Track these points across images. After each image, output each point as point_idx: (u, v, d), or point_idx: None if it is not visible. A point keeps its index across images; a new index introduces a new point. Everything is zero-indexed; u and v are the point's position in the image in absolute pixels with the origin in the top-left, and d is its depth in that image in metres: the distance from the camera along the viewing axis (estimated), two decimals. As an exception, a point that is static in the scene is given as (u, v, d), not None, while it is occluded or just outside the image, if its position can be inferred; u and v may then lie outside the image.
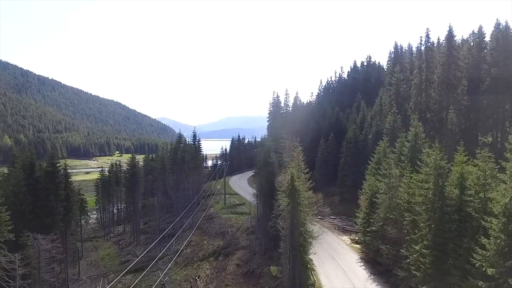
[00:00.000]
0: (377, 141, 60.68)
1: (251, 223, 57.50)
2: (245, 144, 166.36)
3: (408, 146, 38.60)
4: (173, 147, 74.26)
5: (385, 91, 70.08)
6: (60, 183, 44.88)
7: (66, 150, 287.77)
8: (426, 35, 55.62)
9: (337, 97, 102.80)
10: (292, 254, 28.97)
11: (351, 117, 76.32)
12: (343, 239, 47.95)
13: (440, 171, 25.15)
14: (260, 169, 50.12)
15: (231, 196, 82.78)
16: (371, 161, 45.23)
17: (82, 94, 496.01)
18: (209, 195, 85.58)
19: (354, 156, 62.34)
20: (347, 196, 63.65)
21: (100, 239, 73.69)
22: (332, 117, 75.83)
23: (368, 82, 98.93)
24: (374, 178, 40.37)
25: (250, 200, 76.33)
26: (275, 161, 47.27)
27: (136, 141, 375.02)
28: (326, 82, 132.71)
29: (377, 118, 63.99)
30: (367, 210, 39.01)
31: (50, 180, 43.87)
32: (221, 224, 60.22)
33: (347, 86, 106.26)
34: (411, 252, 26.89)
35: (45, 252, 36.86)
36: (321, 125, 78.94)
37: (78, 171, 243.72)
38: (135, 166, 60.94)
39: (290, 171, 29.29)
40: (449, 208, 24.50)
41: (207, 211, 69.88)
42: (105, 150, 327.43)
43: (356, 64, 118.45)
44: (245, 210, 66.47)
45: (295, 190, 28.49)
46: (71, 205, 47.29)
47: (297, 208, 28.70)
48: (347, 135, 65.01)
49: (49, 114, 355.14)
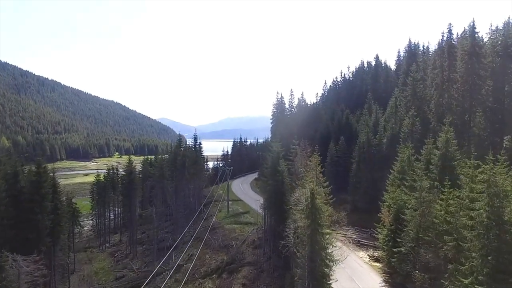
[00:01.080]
0: (393, 146, 56.25)
1: (258, 235, 53.03)
2: (247, 146, 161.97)
3: (438, 154, 34.06)
4: (172, 151, 69.72)
5: (399, 92, 65.58)
6: (47, 194, 40.40)
7: (65, 152, 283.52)
8: (449, 31, 51.23)
9: (344, 98, 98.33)
10: (311, 284, 24.48)
11: (362, 119, 71.78)
12: (360, 256, 43.39)
13: (496, 190, 20.61)
14: (268, 177, 45.62)
15: (234, 202, 78.28)
16: (393, 170, 40.57)
17: (81, 95, 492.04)
18: (211, 201, 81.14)
19: (368, 162, 57.81)
20: (360, 205, 59.21)
21: (95, 249, 69.16)
22: (342, 119, 71.28)
23: (377, 82, 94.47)
24: (399, 190, 35.81)
25: (254, 208, 71.96)
26: (284, 169, 42.74)
27: (136, 142, 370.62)
28: (331, 82, 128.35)
29: (392, 121, 59.45)
30: (392, 226, 34.45)
31: (35, 191, 39.45)
32: (224, 236, 55.68)
33: (355, 86, 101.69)
34: (458, 286, 22.33)
35: (26, 275, 32.45)
36: (329, 127, 74.39)
37: (76, 173, 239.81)
38: (132, 173, 56.46)
39: (309, 187, 24.79)
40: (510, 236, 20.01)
41: (209, 220, 65.38)
42: (105, 151, 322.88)
43: (364, 64, 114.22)
44: (250, 220, 61.98)
45: (316, 210, 24.04)
46: (60, 217, 42.82)
47: (319, 230, 24.23)
48: (360, 139, 60.46)
49: (48, 115, 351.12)
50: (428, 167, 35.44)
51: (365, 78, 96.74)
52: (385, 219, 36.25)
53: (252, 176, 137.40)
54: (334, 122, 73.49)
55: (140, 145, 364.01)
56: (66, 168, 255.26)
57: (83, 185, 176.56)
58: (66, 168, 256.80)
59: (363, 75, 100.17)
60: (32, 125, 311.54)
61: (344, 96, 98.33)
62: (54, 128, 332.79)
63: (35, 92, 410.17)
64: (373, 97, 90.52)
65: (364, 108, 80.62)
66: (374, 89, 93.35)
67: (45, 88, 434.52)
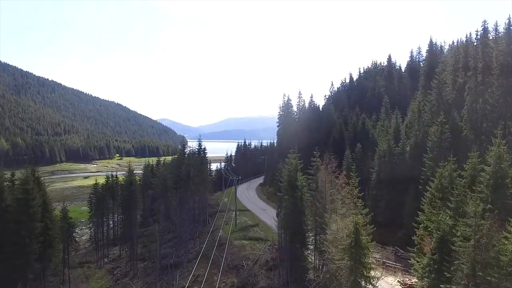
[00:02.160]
0: (417, 156, 51.45)
1: (271, 253, 48.19)
2: (251, 150, 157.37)
3: (489, 171, 29.19)
4: (175, 159, 64.92)
5: (420, 95, 60.77)
6: (36, 213, 35.65)
7: (65, 154, 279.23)
8: (483, 29, 46.34)
9: (355, 100, 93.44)
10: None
11: (379, 125, 66.99)
12: (390, 283, 38.47)
13: None
14: (284, 191, 40.83)
15: (241, 213, 73.40)
16: (429, 187, 35.62)
17: (82, 96, 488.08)
18: (216, 211, 76.24)
19: (389, 172, 52.94)
20: (380, 219, 54.02)
21: (93, 264, 64.26)
22: (358, 124, 66.39)
23: (391, 84, 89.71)
24: (443, 213, 30.89)
25: (263, 220, 67.09)
26: (303, 184, 37.94)
27: (136, 144, 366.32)
28: (340, 84, 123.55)
29: (415, 127, 54.55)
30: (435, 256, 29.53)
31: (22, 210, 34.72)
32: (233, 254, 50.75)
33: (366, 88, 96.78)
34: None
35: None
36: (343, 133, 69.51)
37: (76, 176, 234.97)
38: (132, 184, 51.65)
39: (353, 220, 20.09)
40: None
41: (215, 234, 60.55)
42: (105, 153, 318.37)
43: (375, 64, 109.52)
44: (260, 235, 57.06)
45: (361, 249, 19.38)
46: (51, 239, 38.13)
47: (364, 274, 19.54)
48: (380, 147, 55.56)
49: (48, 116, 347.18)
50: (473, 185, 30.67)
51: (378, 79, 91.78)
52: (425, 245, 31.34)
53: (257, 181, 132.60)
54: (349, 127, 68.57)
55: (141, 146, 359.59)
56: (66, 171, 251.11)
57: (83, 189, 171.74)
58: (66, 170, 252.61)
59: (376, 76, 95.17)
60: (32, 127, 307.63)
61: (355, 99, 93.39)
62: (54, 130, 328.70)
63: (35, 93, 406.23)
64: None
65: (380, 112, 75.87)
66: (388, 92, 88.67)
67: (45, 89, 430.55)
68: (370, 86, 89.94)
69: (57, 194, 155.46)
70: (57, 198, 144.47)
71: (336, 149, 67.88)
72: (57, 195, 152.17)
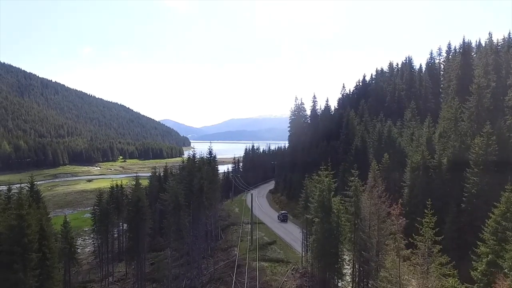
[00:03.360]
0: (457, 170, 46.30)
1: (295, 278, 43.14)
2: (259, 154, 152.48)
3: None
4: (185, 169, 59.91)
5: (455, 101, 55.36)
6: (32, 242, 30.71)
7: (68, 156, 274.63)
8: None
9: (374, 105, 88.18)
10: None
11: (405, 133, 61.77)
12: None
13: None
14: (314, 213, 35.82)
15: (255, 226, 68.50)
16: (493, 214, 30.43)
17: (85, 97, 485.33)
18: (228, 225, 71.23)
19: (424, 188, 47.71)
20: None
21: (96, 284, 59.37)
22: (383, 132, 61.15)
23: (412, 87, 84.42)
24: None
25: (281, 236, 62.10)
26: (340, 208, 32.87)
27: (140, 146, 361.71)
28: (354, 86, 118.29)
29: (452, 137, 49.27)
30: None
31: (16, 240, 29.80)
32: (252, 278, 45.60)
33: (384, 92, 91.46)
34: None
35: None
36: (366, 141, 64.32)
37: (79, 179, 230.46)
38: (140, 200, 46.68)
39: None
40: None
41: (229, 253, 55.60)
42: (108, 155, 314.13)
43: (392, 66, 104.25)
44: (280, 255, 51.93)
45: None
46: (50, 269, 33.15)
47: None
48: (412, 159, 50.33)
49: (51, 118, 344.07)
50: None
51: (398, 83, 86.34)
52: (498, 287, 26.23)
53: (266, 187, 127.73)
54: (373, 136, 63.37)
55: (145, 149, 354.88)
56: (69, 174, 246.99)
57: (86, 194, 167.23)
58: (69, 173, 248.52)
59: (395, 79, 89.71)
60: (35, 129, 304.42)
61: (374, 104, 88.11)
62: (57, 132, 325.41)
63: (38, 94, 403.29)
64: (409, 105, 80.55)
65: (403, 118, 70.65)
66: (409, 96, 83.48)
67: (49, 90, 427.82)
68: (390, 90, 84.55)
69: (60, 200, 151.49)
70: (59, 204, 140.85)
71: (359, 159, 62.92)
72: (59, 201, 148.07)
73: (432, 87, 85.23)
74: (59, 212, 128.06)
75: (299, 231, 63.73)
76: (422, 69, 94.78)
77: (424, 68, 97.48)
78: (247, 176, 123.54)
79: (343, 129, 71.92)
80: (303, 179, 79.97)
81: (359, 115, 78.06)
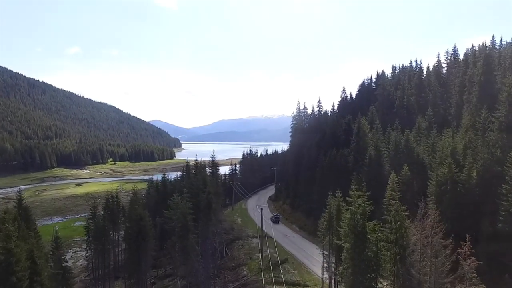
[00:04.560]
0: (488, 185, 42.82)
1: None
2: (257, 158, 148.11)
3: None
4: (187, 182, 55.19)
5: (473, 109, 51.99)
6: (21, 281, 26.01)
7: (56, 159, 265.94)
8: None
9: (380, 110, 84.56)
10: None
11: (423, 143, 58.11)
12: None
13: None
14: (344, 238, 31.67)
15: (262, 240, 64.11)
16: None
17: (74, 98, 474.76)
18: (234, 239, 66.66)
19: (453, 204, 44.04)
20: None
21: (91, 308, 54.34)
22: (400, 142, 57.31)
23: (421, 92, 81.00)
24: None
25: (292, 253, 57.84)
26: (379, 236, 28.80)
27: (130, 148, 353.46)
28: (357, 90, 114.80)
29: (483, 150, 45.61)
30: None
31: (2, 279, 25.13)
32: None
33: (392, 96, 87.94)
34: None
35: None
36: (381, 151, 60.39)
37: (68, 182, 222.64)
38: (142, 219, 41.98)
39: None
40: None
41: (238, 273, 51.18)
42: (98, 157, 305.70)
43: (395, 69, 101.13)
44: (294, 276, 47.69)
45: None
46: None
47: None
48: (438, 173, 46.58)
49: (38, 119, 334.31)
50: None
51: (407, 87, 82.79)
52: None
53: (265, 193, 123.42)
54: (390, 145, 59.45)
55: (135, 151, 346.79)
56: (57, 177, 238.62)
57: (75, 199, 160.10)
58: (57, 176, 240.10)
59: (404, 83, 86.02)
60: (21, 130, 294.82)
61: (381, 108, 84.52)
62: (45, 133, 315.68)
63: (25, 95, 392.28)
64: (419, 111, 77.27)
65: (414, 125, 67.09)
66: (418, 101, 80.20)
67: (36, 90, 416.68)
68: (398, 94, 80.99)
69: (48, 206, 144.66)
70: (48, 211, 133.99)
71: (373, 170, 59.21)
72: (47, 207, 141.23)
73: (442, 91, 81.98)
74: (47, 220, 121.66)
75: (309, 245, 59.66)
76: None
77: (433, 70, 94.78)
78: (246, 181, 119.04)
79: (354, 136, 68.01)
80: (308, 189, 76.45)
81: (368, 121, 74.32)
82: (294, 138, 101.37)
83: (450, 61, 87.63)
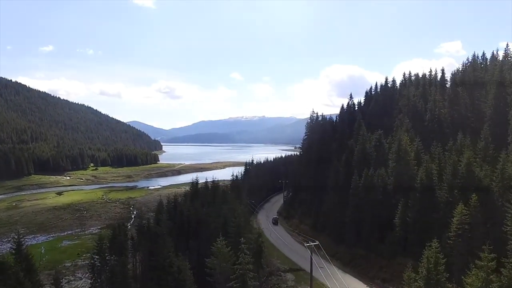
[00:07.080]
0: None
1: None
2: (259, 167, 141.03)
3: None
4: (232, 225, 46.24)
5: None
6: None
7: (33, 165, 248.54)
8: None
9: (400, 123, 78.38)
10: None
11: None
12: None
13: None
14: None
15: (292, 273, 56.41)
16: None
17: (49, 99, 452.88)
18: (265, 275, 58.51)
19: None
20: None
21: None
22: (458, 167, 50.82)
23: (455, 104, 75.31)
24: None
25: None
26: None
27: (112, 152, 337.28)
28: (364, 97, 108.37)
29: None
30: None
31: None
32: None
33: (421, 108, 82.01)
34: None
35: None
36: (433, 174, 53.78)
37: (47, 191, 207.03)
38: (181, 272, 33.44)
39: None
40: None
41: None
42: (78, 163, 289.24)
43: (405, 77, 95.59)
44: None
45: None
46: None
47: None
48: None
49: (12, 121, 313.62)
50: None
51: (438, 99, 76.67)
52: None
53: (272, 207, 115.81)
54: (447, 169, 52.78)
55: (118, 155, 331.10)
56: (35, 185, 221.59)
57: (58, 212, 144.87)
58: (35, 184, 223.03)
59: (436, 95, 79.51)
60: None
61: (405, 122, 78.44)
62: (20, 137, 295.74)
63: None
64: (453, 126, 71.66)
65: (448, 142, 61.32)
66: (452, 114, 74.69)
67: (9, 91, 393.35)
68: (430, 107, 74.88)
69: (29, 221, 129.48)
70: (30, 228, 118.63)
71: (425, 197, 52.65)
72: (29, 223, 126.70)
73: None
74: (31, 239, 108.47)
75: (356, 283, 52.89)
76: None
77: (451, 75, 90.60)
78: (250, 194, 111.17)
79: (393, 154, 61.46)
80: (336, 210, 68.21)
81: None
82: (310, 151, 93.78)
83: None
